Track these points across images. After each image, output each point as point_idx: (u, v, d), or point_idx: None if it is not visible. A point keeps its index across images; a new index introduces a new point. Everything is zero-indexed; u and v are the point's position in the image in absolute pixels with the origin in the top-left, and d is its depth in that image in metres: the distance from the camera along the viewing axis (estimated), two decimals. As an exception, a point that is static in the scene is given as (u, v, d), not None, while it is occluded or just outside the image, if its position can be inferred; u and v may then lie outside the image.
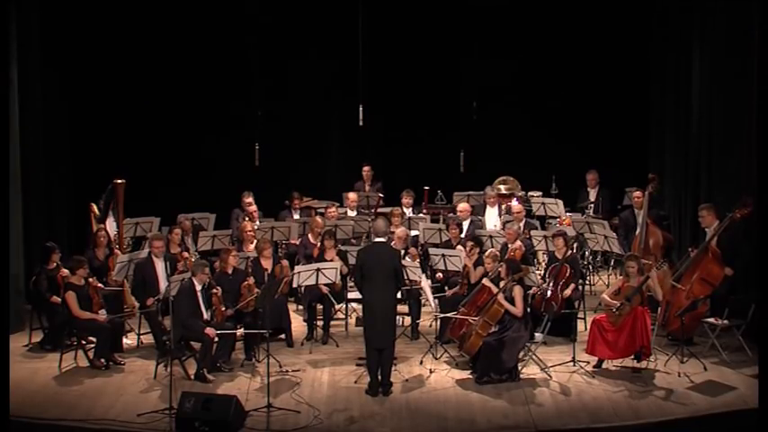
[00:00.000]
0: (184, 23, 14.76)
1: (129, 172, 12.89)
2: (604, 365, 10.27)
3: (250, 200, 13.53)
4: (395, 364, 9.97)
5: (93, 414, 9.22)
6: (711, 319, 10.67)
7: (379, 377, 9.68)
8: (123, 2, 14.47)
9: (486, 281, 10.47)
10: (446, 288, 11.73)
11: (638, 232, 12.05)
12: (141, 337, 11.32)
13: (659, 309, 10.90)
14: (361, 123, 13.60)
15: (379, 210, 13.87)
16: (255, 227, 12.67)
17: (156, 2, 14.58)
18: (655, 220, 12.09)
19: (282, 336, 11.27)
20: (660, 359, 10.34)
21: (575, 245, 12.11)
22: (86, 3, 14.14)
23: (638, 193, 12.72)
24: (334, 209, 13.49)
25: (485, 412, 9.26)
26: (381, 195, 14.31)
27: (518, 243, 11.86)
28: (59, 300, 10.85)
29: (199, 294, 10.36)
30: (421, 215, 13.73)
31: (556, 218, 13.46)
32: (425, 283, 10.97)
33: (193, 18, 14.77)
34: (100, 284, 11.01)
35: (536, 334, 10.75)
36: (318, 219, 12.70)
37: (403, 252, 11.28)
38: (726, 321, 10.56)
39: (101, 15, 14.36)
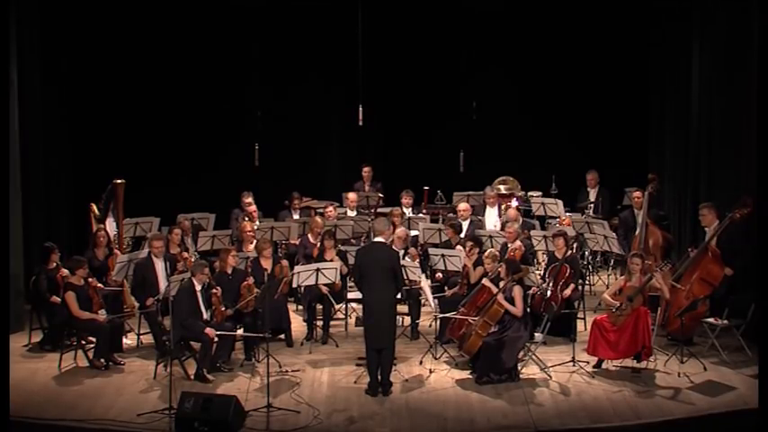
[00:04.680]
0: (184, 23, 14.77)
1: (129, 172, 12.90)
2: (604, 365, 10.27)
3: (250, 200, 13.54)
4: (395, 364, 9.96)
5: (92, 414, 9.21)
6: (711, 319, 10.66)
7: (379, 377, 9.68)
8: (124, 3, 14.48)
9: (485, 281, 10.47)
10: (446, 288, 11.72)
11: (637, 232, 12.04)
12: (141, 337, 11.32)
13: (659, 309, 10.89)
14: (361, 123, 13.61)
15: (379, 210, 13.88)
16: (255, 227, 12.67)
17: (156, 3, 14.57)
18: (654, 220, 12.09)
19: (282, 336, 11.27)
20: (660, 359, 10.34)
21: (575, 245, 12.10)
22: (86, 3, 14.14)
23: (637, 194, 12.71)
24: (332, 209, 13.48)
25: (484, 412, 9.25)
26: (381, 195, 14.31)
27: (518, 243, 11.86)
28: (59, 300, 10.84)
29: (198, 294, 10.36)
30: (421, 215, 13.73)
31: (556, 218, 13.46)
32: (425, 284, 10.97)
33: (193, 18, 14.77)
34: (100, 284, 11.01)
35: (536, 334, 10.74)
36: (318, 219, 12.70)
37: (403, 252, 11.28)
38: (726, 321, 10.56)
39: (101, 16, 14.37)
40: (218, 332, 10.17)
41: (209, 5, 14.75)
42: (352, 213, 13.92)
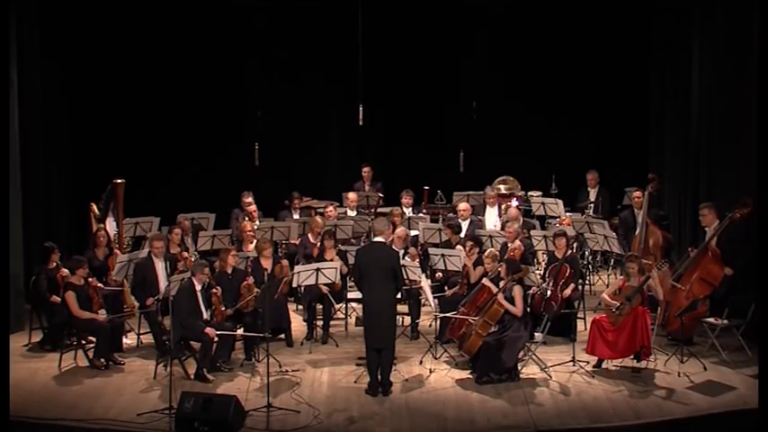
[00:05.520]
0: (184, 23, 14.76)
1: (129, 172, 12.91)
2: (604, 365, 10.27)
3: (250, 200, 13.54)
4: (395, 363, 9.96)
5: (92, 414, 9.22)
6: (711, 319, 10.66)
7: (379, 377, 9.68)
8: (124, 3, 14.48)
9: (485, 281, 10.47)
10: (446, 288, 11.72)
11: (637, 232, 12.04)
12: (141, 337, 11.33)
13: (659, 309, 10.89)
14: (361, 123, 13.61)
15: (379, 210, 13.87)
16: (255, 227, 12.68)
17: (156, 3, 14.57)
18: (654, 220, 12.09)
19: (282, 336, 11.27)
20: (660, 359, 10.34)
21: (575, 245, 12.10)
22: (86, 3, 14.14)
23: (637, 193, 12.72)
24: (332, 208, 13.48)
25: (484, 412, 9.26)
26: (381, 195, 14.31)
27: (518, 243, 11.86)
28: (59, 300, 10.84)
29: (198, 294, 10.36)
30: (421, 215, 13.73)
31: (556, 218, 13.46)
32: (425, 283, 10.97)
33: (193, 18, 14.77)
34: (100, 284, 11.01)
35: (536, 334, 10.75)
36: (318, 219, 12.71)
37: (403, 252, 11.28)
38: (726, 321, 10.56)
39: (101, 15, 14.37)
40: (218, 332, 10.17)
41: (209, 5, 14.73)
42: (352, 213, 13.92)
